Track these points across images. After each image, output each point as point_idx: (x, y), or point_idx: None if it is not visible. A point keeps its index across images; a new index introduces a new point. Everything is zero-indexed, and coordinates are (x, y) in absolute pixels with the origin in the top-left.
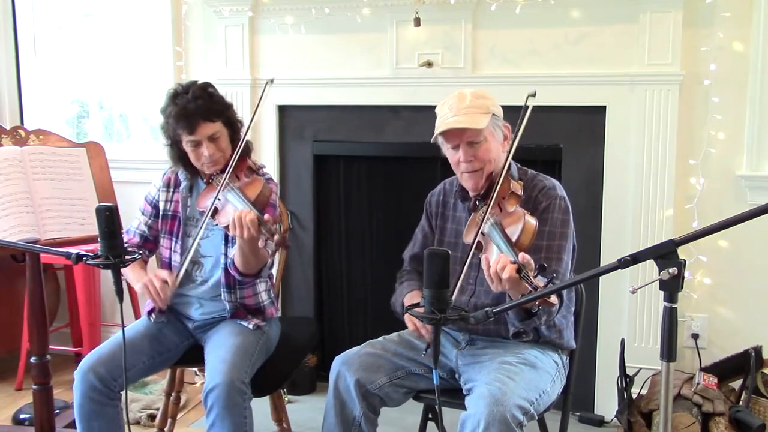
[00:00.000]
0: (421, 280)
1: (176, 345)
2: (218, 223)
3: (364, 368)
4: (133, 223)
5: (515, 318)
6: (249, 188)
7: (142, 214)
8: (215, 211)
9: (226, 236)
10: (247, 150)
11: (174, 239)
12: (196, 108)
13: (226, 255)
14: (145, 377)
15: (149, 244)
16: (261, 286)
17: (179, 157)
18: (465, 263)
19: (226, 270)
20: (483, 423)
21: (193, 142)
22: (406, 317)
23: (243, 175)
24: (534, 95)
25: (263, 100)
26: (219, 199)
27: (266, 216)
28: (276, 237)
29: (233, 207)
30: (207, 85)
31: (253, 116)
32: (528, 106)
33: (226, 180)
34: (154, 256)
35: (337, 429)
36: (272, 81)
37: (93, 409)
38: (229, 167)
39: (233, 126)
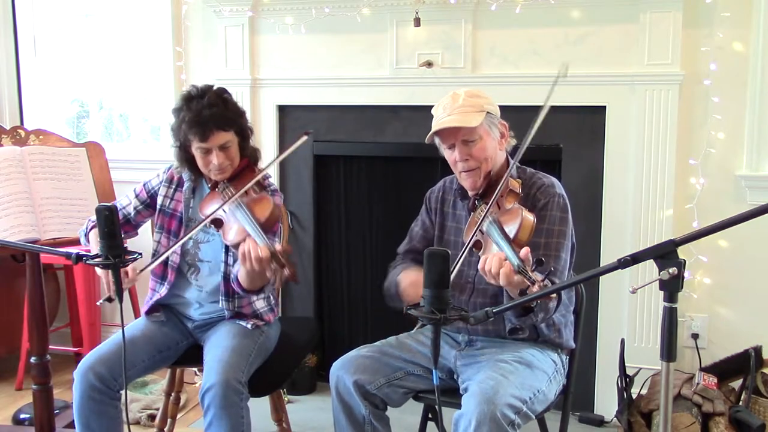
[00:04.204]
0: (417, 264)
1: (176, 343)
2: (224, 238)
3: (361, 370)
4: (121, 200)
5: (512, 314)
6: (258, 207)
7: (136, 197)
8: (220, 223)
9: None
10: (255, 159)
11: (173, 239)
12: (210, 116)
13: (226, 263)
14: (144, 376)
15: (128, 227)
16: (259, 295)
17: (186, 159)
18: (459, 261)
19: (225, 279)
20: (474, 421)
21: (203, 149)
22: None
23: (251, 189)
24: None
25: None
26: (224, 211)
27: (278, 247)
28: (286, 271)
29: (239, 225)
30: (222, 92)
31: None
32: (559, 77)
33: (237, 198)
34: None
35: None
36: (310, 133)
37: (93, 408)
38: (240, 187)
39: (244, 134)
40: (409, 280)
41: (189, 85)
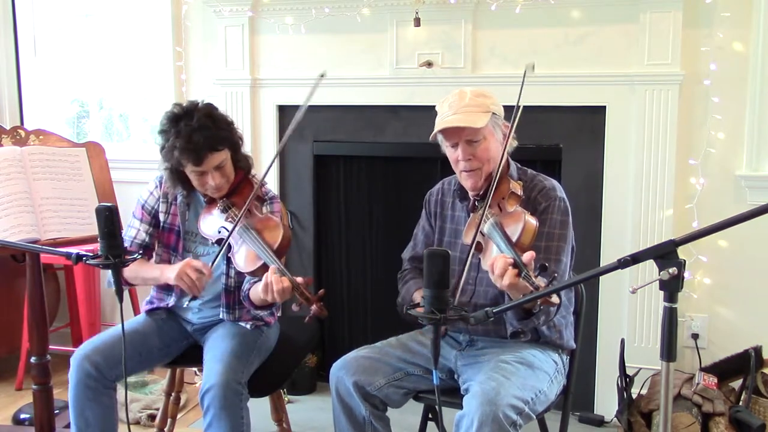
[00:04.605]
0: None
1: (175, 342)
2: (234, 264)
3: (361, 371)
4: (128, 232)
5: (513, 318)
6: (268, 233)
7: (141, 222)
8: (228, 246)
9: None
10: (249, 168)
11: (173, 253)
12: (203, 140)
13: (228, 275)
14: (141, 371)
15: (149, 251)
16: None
17: (179, 179)
18: (465, 264)
19: (227, 290)
20: (476, 422)
21: (198, 172)
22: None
23: (254, 207)
24: (533, 68)
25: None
26: (226, 229)
27: (299, 279)
28: (314, 308)
29: (249, 250)
30: (210, 109)
31: (284, 143)
32: (524, 77)
33: (241, 222)
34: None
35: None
36: (324, 74)
37: (88, 395)
38: (236, 221)
39: (236, 147)
40: None
41: (172, 104)
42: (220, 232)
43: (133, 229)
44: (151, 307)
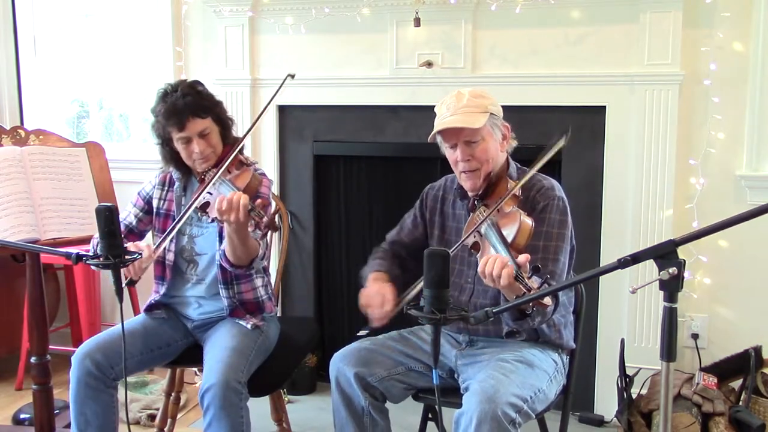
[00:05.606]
0: (394, 263)
1: (175, 341)
2: (210, 216)
3: (362, 363)
4: (121, 214)
5: (509, 318)
6: (238, 179)
7: (133, 206)
8: (207, 205)
9: (221, 233)
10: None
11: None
12: (184, 104)
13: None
14: (141, 370)
15: (133, 236)
16: (258, 281)
17: (171, 156)
18: (462, 263)
19: (221, 266)
20: (475, 420)
21: (183, 139)
22: (361, 294)
23: (234, 168)
24: (568, 133)
25: (278, 94)
26: (210, 193)
27: (257, 201)
28: (265, 219)
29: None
30: (195, 83)
31: (265, 107)
32: (558, 144)
33: (219, 174)
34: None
35: (349, 423)
36: (293, 76)
37: (88, 394)
38: (223, 162)
39: (223, 123)
40: (368, 289)
41: (163, 83)
42: (204, 197)
43: (125, 212)
44: (149, 304)
